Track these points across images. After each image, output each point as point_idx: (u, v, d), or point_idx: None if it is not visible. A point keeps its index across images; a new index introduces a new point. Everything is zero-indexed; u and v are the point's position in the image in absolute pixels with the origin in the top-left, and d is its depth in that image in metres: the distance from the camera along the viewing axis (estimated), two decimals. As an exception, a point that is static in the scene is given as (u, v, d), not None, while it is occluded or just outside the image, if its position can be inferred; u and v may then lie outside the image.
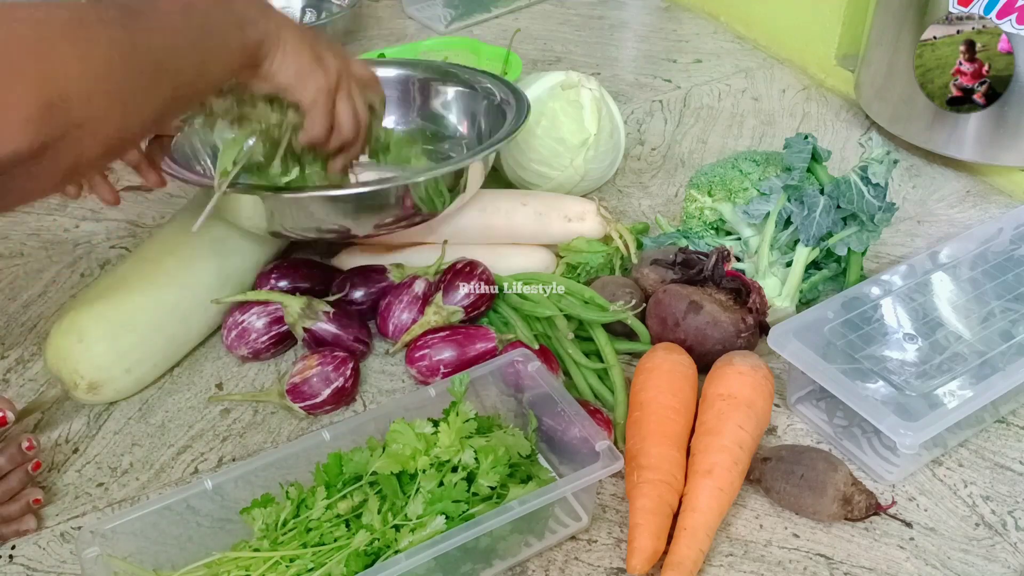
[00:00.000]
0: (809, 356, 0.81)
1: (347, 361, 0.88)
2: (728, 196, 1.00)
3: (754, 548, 0.77)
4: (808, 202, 0.94)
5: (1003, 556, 0.76)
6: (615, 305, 0.91)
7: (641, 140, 1.29)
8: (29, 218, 1.17)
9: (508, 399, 0.83)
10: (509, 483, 0.72)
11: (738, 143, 1.28)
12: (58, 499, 0.82)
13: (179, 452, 0.86)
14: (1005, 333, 0.84)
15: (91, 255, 1.10)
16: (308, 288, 0.96)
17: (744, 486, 0.80)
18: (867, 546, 0.76)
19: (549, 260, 1.03)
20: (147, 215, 1.16)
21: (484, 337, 0.90)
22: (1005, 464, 0.83)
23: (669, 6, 1.66)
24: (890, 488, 0.81)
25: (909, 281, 0.89)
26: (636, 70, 1.46)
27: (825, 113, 1.34)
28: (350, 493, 0.71)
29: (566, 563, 0.76)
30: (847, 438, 0.84)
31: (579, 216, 1.02)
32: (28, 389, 0.93)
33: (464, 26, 1.58)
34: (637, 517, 0.74)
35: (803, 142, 0.98)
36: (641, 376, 0.84)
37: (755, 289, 0.89)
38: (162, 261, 0.93)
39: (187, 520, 0.72)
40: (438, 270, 0.97)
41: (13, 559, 0.77)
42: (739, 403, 0.79)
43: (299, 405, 0.87)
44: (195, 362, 0.95)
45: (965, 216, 1.13)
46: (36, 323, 1.01)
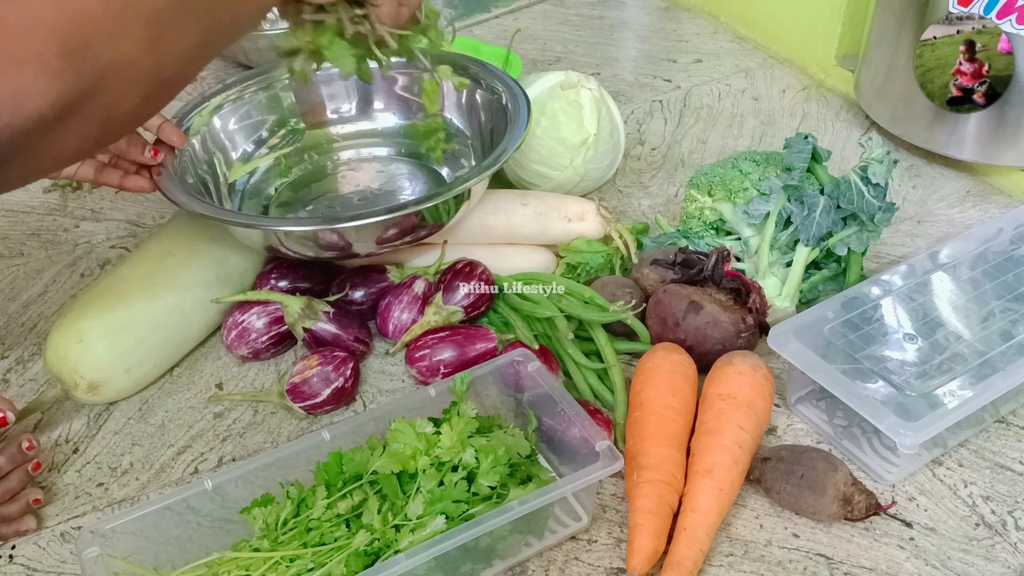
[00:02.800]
0: (809, 356, 0.81)
1: (347, 361, 0.88)
2: (728, 196, 1.00)
3: (754, 548, 0.77)
4: (808, 202, 0.94)
5: (1003, 556, 0.76)
6: (615, 305, 0.91)
7: (641, 140, 1.29)
8: (29, 218, 1.17)
9: (508, 399, 0.83)
10: (509, 483, 0.72)
11: (738, 143, 1.28)
12: (58, 499, 0.82)
13: (179, 452, 0.86)
14: (1005, 333, 0.84)
15: (91, 255, 1.10)
16: (308, 288, 0.96)
17: (744, 486, 0.80)
18: (867, 546, 0.76)
19: (549, 260, 1.03)
20: (147, 215, 1.16)
21: (484, 337, 0.90)
22: (1005, 464, 0.83)
23: (669, 6, 1.66)
24: (890, 488, 0.81)
25: (909, 281, 0.89)
26: (636, 70, 1.46)
27: (825, 113, 1.33)
28: (350, 492, 0.71)
29: (566, 563, 0.76)
30: (847, 438, 0.84)
31: (579, 216, 1.02)
32: (28, 389, 0.93)
33: (464, 26, 1.58)
34: (637, 517, 0.74)
35: (803, 142, 0.99)
36: (641, 376, 0.84)
37: (755, 289, 0.89)
38: (162, 261, 0.93)
39: (187, 520, 0.72)
40: (438, 270, 0.97)
41: (13, 559, 0.77)
42: (739, 403, 0.79)
43: (299, 405, 0.87)
44: (195, 362, 0.95)
45: (965, 216, 1.13)
46: (36, 323, 1.01)
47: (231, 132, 1.09)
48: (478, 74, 1.08)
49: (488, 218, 1.02)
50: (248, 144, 1.10)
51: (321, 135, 1.15)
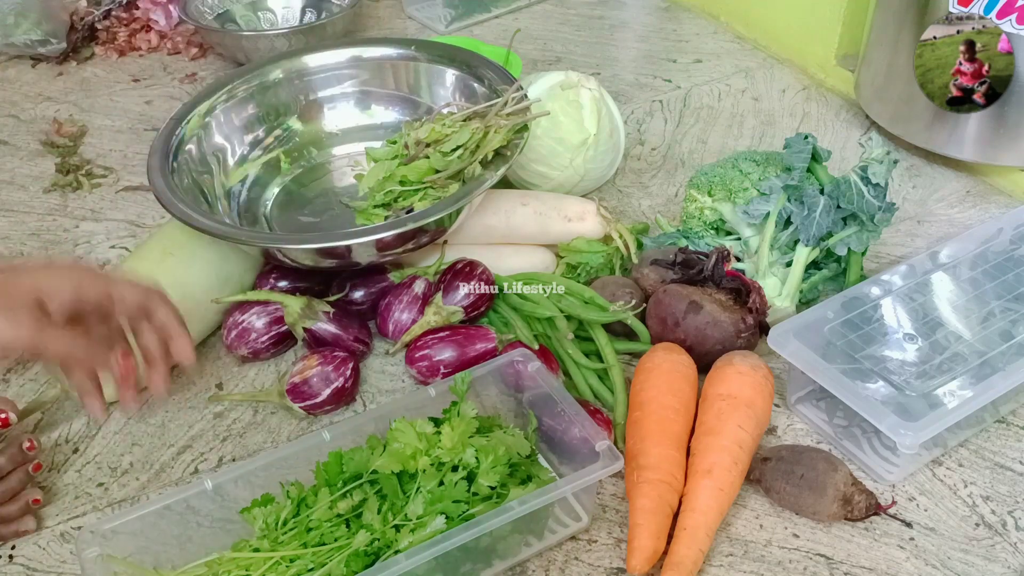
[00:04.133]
0: (809, 356, 0.81)
1: (347, 361, 0.88)
2: (728, 196, 1.00)
3: (754, 548, 0.77)
4: (808, 202, 0.94)
5: (1003, 556, 0.76)
6: (615, 305, 0.91)
7: (641, 140, 1.29)
8: (29, 218, 1.17)
9: (508, 399, 0.83)
10: (509, 483, 0.72)
11: (738, 143, 1.28)
12: (58, 499, 0.82)
13: (179, 452, 0.86)
14: (1005, 333, 0.84)
15: (91, 255, 1.10)
16: (308, 288, 0.96)
17: (744, 486, 0.80)
18: (867, 546, 0.76)
19: (549, 260, 1.03)
20: (147, 215, 1.16)
21: (484, 337, 0.90)
22: (1005, 464, 0.83)
23: (669, 6, 1.66)
24: (890, 488, 0.81)
25: (909, 281, 0.89)
26: (636, 70, 1.46)
27: (825, 113, 1.33)
28: (350, 492, 0.71)
29: (566, 563, 0.76)
30: (847, 438, 0.84)
31: (579, 216, 1.02)
32: (28, 389, 0.93)
33: (464, 26, 1.58)
34: (637, 517, 0.74)
35: (803, 142, 0.98)
36: (641, 376, 0.84)
37: (755, 289, 0.89)
38: (162, 261, 0.93)
39: (187, 520, 0.72)
40: (438, 270, 0.97)
41: (13, 559, 0.77)
42: (739, 403, 0.79)
43: (299, 405, 0.87)
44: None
45: (965, 216, 1.13)
46: (36, 323, 1.01)
47: (227, 133, 1.09)
48: (478, 71, 1.08)
49: (488, 218, 1.02)
50: (244, 145, 1.10)
51: (318, 131, 1.15)
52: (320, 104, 1.15)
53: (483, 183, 0.91)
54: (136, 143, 1.30)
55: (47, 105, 1.40)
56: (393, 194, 0.95)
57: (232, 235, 0.91)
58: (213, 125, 1.07)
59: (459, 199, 0.90)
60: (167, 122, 1.04)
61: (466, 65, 1.10)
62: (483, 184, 0.91)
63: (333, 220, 1.05)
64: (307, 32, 1.40)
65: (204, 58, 1.52)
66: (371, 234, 0.87)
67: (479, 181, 0.92)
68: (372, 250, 0.90)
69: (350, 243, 0.88)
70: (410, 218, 0.89)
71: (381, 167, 0.97)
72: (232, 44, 1.43)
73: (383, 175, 0.96)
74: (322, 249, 0.89)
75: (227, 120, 1.09)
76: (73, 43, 1.52)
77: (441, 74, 1.12)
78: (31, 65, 1.51)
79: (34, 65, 1.51)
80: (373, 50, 1.15)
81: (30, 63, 1.52)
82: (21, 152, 1.30)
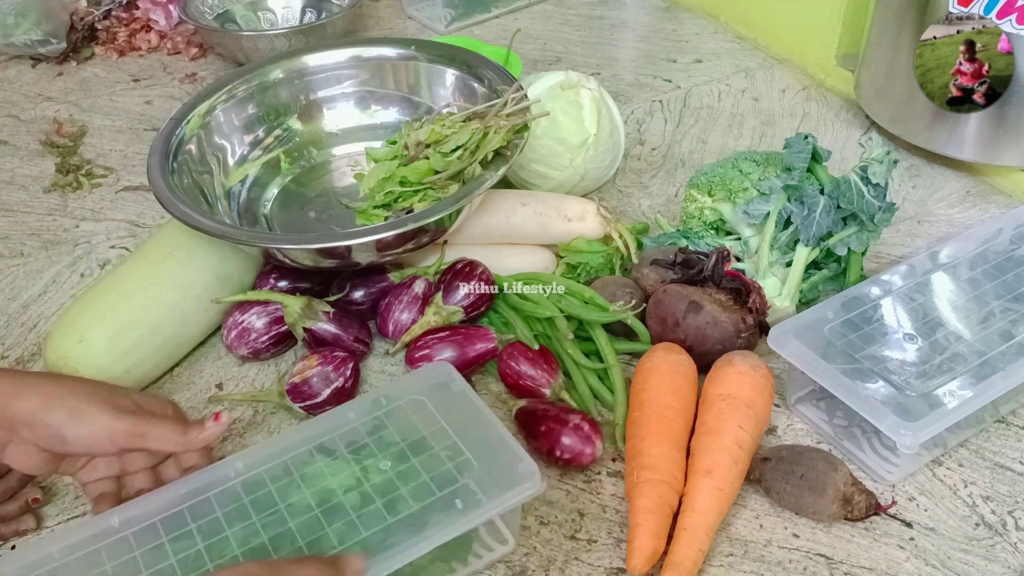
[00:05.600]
0: (809, 356, 0.81)
1: (347, 361, 0.88)
2: (728, 196, 1.00)
3: (754, 548, 0.77)
4: (808, 202, 0.94)
5: (1003, 556, 0.76)
6: (615, 305, 0.91)
7: (641, 140, 1.29)
8: (29, 218, 1.17)
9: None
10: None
11: (738, 143, 1.28)
12: (58, 499, 0.82)
13: (179, 452, 0.86)
14: (1005, 333, 0.84)
15: (91, 255, 1.10)
16: (308, 288, 0.96)
17: (744, 486, 0.80)
18: (867, 546, 0.76)
19: (549, 260, 1.03)
20: (147, 215, 1.16)
21: (484, 337, 0.90)
22: (1005, 464, 0.83)
23: (669, 6, 1.66)
24: (890, 488, 0.81)
25: (909, 281, 0.89)
26: (636, 70, 1.46)
27: (825, 113, 1.34)
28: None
29: (566, 563, 0.76)
30: (847, 438, 0.84)
31: (579, 216, 1.02)
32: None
33: (464, 26, 1.58)
34: (637, 517, 0.74)
35: (803, 142, 0.99)
36: (641, 376, 0.84)
37: (755, 289, 0.89)
38: (162, 261, 0.93)
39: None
40: (438, 270, 0.97)
41: (13, 559, 0.77)
42: (739, 403, 0.79)
43: (299, 405, 0.87)
44: (195, 362, 0.95)
45: (965, 216, 1.13)
46: (36, 323, 1.01)
47: (227, 133, 1.09)
48: (478, 71, 1.08)
49: (488, 218, 1.02)
50: (244, 145, 1.10)
51: (318, 131, 1.15)
52: (320, 104, 1.15)
53: (483, 183, 0.91)
54: (136, 143, 1.30)
55: (47, 105, 1.40)
56: (393, 195, 0.95)
57: (232, 235, 0.91)
58: (213, 125, 1.07)
59: (459, 199, 0.90)
60: (167, 122, 1.04)
61: (466, 65, 1.10)
62: (483, 184, 0.91)
63: (333, 220, 1.06)
64: (307, 32, 1.40)
65: (204, 58, 1.52)
66: (371, 234, 0.87)
67: (479, 181, 0.92)
68: (372, 250, 0.90)
69: (350, 243, 0.88)
70: (410, 218, 0.89)
71: (381, 168, 0.97)
72: (232, 44, 1.43)
73: (383, 176, 0.96)
74: (322, 249, 0.89)
75: (227, 120, 1.09)
76: (73, 43, 1.52)
77: (441, 74, 1.12)
78: (31, 65, 1.51)
79: (34, 65, 1.51)
80: (373, 50, 1.15)
81: (30, 63, 1.52)
82: (21, 152, 1.30)
